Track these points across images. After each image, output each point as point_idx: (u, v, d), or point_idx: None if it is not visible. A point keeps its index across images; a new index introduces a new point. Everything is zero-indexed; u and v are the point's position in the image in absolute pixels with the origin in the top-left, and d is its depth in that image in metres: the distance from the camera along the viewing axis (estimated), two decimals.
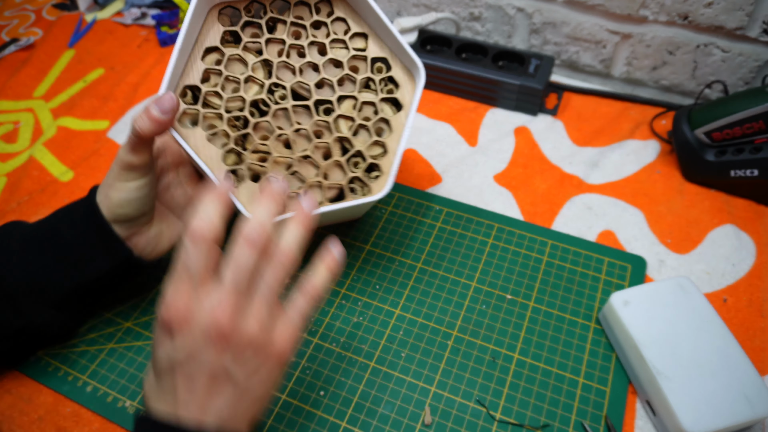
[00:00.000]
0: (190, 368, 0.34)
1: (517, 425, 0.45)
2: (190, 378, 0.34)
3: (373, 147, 0.48)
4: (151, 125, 0.40)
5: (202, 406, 0.33)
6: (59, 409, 0.46)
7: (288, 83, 0.47)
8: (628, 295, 0.48)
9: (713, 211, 0.60)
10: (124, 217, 0.43)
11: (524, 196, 0.62)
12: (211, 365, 0.33)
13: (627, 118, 0.70)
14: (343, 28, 0.48)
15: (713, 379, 0.43)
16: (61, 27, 0.87)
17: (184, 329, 0.34)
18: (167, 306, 0.34)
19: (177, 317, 0.33)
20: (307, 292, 0.37)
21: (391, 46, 0.49)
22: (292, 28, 0.48)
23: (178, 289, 0.34)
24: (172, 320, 0.34)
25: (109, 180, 0.43)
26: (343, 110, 0.48)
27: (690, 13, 0.66)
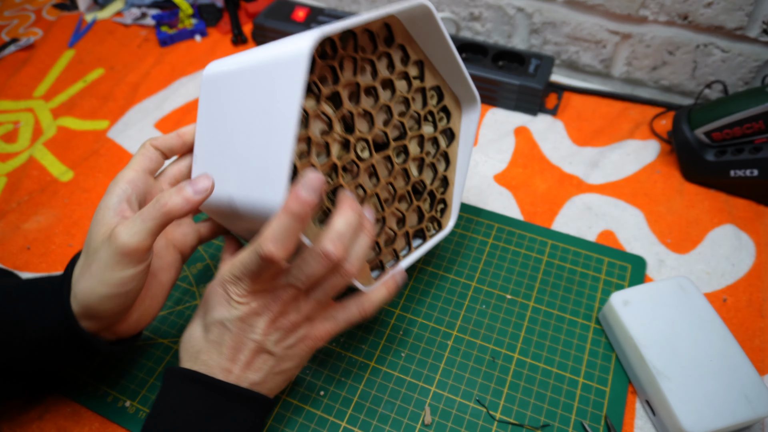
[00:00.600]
0: (241, 337, 0.38)
1: (517, 425, 0.45)
2: (237, 347, 0.38)
3: (436, 182, 0.49)
4: (185, 206, 0.35)
5: (240, 376, 0.38)
6: (59, 409, 0.46)
7: (369, 135, 0.42)
8: (628, 295, 0.48)
9: (713, 211, 0.60)
10: (105, 313, 0.37)
11: (524, 196, 0.62)
12: (258, 339, 0.38)
13: (627, 118, 0.70)
14: (400, 56, 0.44)
15: (713, 379, 0.43)
16: (61, 27, 0.87)
17: (256, 294, 0.37)
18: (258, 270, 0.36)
19: (261, 282, 0.36)
20: (361, 305, 0.41)
21: (444, 72, 0.47)
22: (360, 63, 0.42)
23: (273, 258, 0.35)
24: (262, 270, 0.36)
25: (94, 270, 0.36)
26: (412, 151, 0.46)
27: (690, 13, 0.66)
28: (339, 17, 0.79)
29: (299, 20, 0.79)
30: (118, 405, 0.46)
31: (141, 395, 0.47)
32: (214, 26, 0.86)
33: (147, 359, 0.49)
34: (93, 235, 0.37)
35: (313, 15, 0.80)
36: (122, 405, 0.46)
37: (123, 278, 0.36)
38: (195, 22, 0.84)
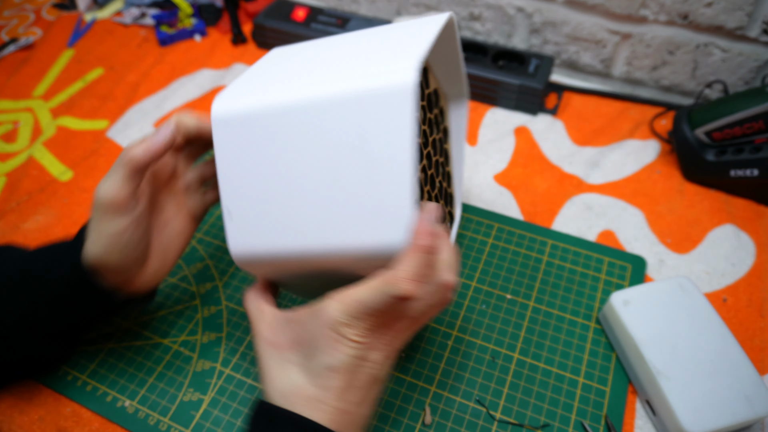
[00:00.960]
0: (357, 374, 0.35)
1: (517, 425, 0.45)
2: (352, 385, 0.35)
3: (444, 179, 0.50)
4: (146, 153, 0.37)
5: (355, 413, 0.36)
6: (59, 409, 0.46)
7: (436, 187, 0.44)
8: (628, 294, 0.48)
9: (713, 211, 0.60)
10: (112, 265, 0.39)
11: (524, 195, 0.62)
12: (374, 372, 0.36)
13: (627, 118, 0.70)
14: None
15: (713, 379, 0.43)
16: (60, 27, 0.87)
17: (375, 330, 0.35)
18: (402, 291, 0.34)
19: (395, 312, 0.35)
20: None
21: (441, 74, 0.46)
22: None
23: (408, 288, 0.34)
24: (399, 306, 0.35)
25: (93, 226, 0.39)
26: (433, 155, 0.46)
27: (690, 13, 0.66)
28: (339, 17, 0.79)
29: (299, 20, 0.79)
30: (117, 405, 0.46)
31: (140, 395, 0.47)
32: (213, 26, 0.86)
33: (147, 359, 0.49)
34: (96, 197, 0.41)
35: (313, 15, 0.80)
36: (122, 405, 0.46)
37: (116, 229, 0.38)
38: (195, 22, 0.84)
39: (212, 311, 0.52)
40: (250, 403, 0.43)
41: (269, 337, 0.37)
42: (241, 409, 0.46)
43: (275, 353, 0.37)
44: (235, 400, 0.46)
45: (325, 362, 0.35)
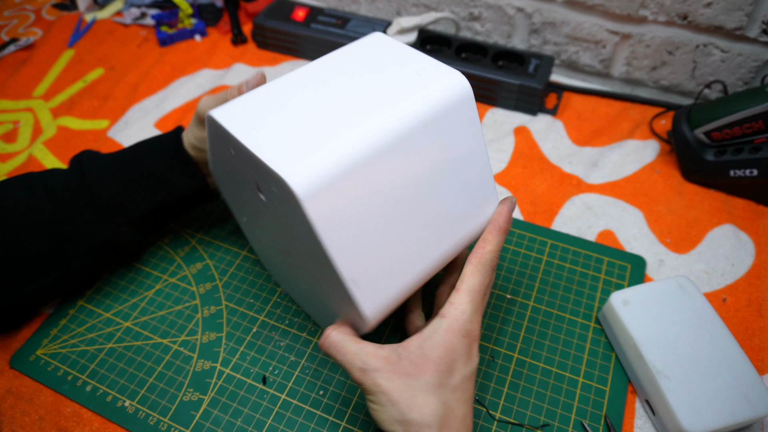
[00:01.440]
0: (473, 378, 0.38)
1: (517, 425, 0.45)
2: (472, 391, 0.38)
3: None
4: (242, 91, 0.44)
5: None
6: (60, 409, 0.46)
7: None
8: (627, 294, 0.48)
9: (713, 211, 0.60)
10: (194, 156, 0.49)
11: (524, 196, 0.62)
12: (476, 365, 0.38)
13: (626, 118, 0.70)
14: None
15: (712, 379, 0.43)
16: (60, 27, 0.87)
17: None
18: (479, 325, 0.38)
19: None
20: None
21: None
22: None
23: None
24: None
25: (189, 127, 0.49)
26: None
27: (689, 13, 0.66)
28: (339, 17, 0.79)
29: (299, 20, 0.79)
30: (117, 405, 0.46)
31: (140, 395, 0.47)
32: (213, 26, 0.86)
33: (147, 359, 0.49)
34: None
35: (313, 15, 0.80)
36: (122, 405, 0.46)
37: (200, 137, 0.48)
38: (195, 22, 0.84)
39: (212, 311, 0.52)
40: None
41: (394, 368, 0.35)
42: (241, 409, 0.46)
43: (413, 382, 0.35)
44: (235, 400, 0.47)
45: (463, 373, 0.36)
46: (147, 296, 0.53)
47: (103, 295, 0.54)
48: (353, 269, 0.35)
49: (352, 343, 0.37)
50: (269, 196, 0.36)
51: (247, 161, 0.35)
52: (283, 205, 0.34)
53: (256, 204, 0.40)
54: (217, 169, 0.44)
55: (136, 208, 0.48)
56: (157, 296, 0.53)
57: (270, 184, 0.34)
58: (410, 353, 0.36)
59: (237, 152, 0.36)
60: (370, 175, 0.34)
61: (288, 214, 0.34)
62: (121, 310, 0.52)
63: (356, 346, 0.37)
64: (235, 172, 0.40)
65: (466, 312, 0.37)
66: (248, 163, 0.35)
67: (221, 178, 0.45)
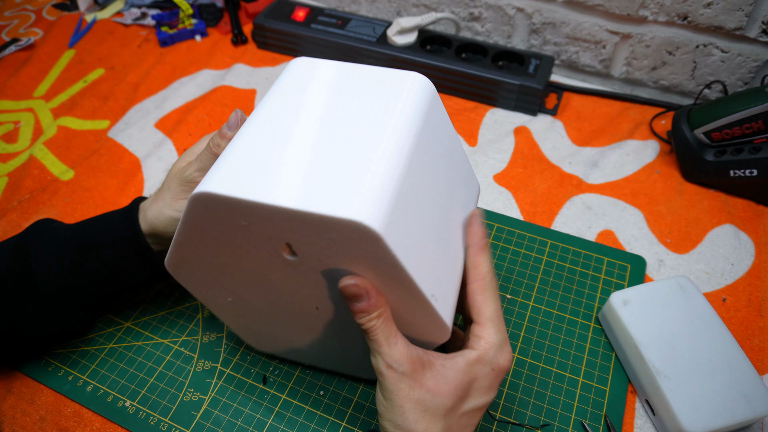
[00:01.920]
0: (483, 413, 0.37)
1: (517, 425, 0.45)
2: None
3: None
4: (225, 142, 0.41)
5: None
6: (60, 409, 0.46)
7: None
8: (627, 294, 0.48)
9: (712, 211, 0.60)
10: (168, 234, 0.44)
11: (524, 196, 0.62)
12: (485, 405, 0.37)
13: (627, 118, 0.70)
14: None
15: (712, 379, 0.43)
16: (61, 27, 0.87)
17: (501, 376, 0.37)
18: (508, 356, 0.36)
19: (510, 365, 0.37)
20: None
21: None
22: None
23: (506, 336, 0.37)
24: (509, 368, 0.37)
25: (165, 197, 0.43)
26: None
27: (689, 14, 0.66)
28: (339, 17, 0.79)
29: (299, 20, 0.79)
30: (118, 405, 0.46)
31: (141, 395, 0.47)
32: (214, 26, 0.86)
33: (147, 359, 0.49)
34: (168, 175, 0.45)
35: (313, 15, 0.80)
36: (122, 405, 0.46)
37: (172, 212, 0.43)
38: (195, 22, 0.84)
39: None
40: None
41: (418, 377, 0.34)
42: (242, 409, 0.46)
43: (429, 398, 0.34)
44: (235, 400, 0.47)
45: (477, 403, 0.36)
46: (147, 296, 0.53)
47: None
48: (430, 285, 0.34)
49: (390, 331, 0.35)
50: (310, 251, 0.33)
51: (271, 225, 0.32)
52: (336, 252, 0.32)
53: (267, 274, 0.36)
54: (189, 256, 0.37)
55: (86, 296, 0.45)
56: (157, 296, 0.53)
57: (317, 238, 0.32)
58: (434, 368, 0.35)
59: (255, 220, 0.32)
60: (410, 189, 0.33)
61: (341, 259, 0.33)
62: (121, 309, 0.53)
63: (393, 339, 0.35)
64: (236, 247, 0.35)
65: (494, 344, 0.36)
66: (275, 227, 0.32)
67: (193, 263, 0.38)
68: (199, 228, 0.34)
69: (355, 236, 0.30)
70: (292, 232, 0.32)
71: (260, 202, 0.31)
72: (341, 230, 0.30)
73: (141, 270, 0.45)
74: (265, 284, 0.37)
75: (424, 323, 0.36)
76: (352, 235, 0.30)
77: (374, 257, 0.31)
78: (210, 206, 0.32)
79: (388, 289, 0.34)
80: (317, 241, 0.32)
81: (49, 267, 0.44)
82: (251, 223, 0.32)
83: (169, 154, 0.67)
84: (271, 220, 0.32)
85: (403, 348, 0.34)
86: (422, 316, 0.35)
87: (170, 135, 0.70)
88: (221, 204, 0.32)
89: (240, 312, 0.42)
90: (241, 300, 0.40)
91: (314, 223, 0.31)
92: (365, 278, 0.33)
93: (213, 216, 0.33)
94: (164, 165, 0.66)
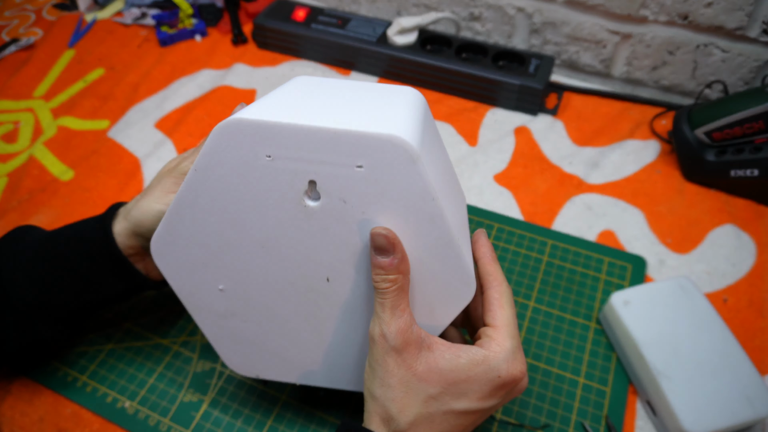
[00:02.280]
0: (480, 419, 0.36)
1: (517, 425, 0.45)
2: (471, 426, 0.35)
3: None
4: None
5: None
6: (59, 410, 0.46)
7: None
8: (628, 295, 0.48)
9: (713, 211, 0.60)
10: (151, 231, 0.40)
11: (524, 196, 0.62)
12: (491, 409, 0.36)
13: (627, 118, 0.70)
14: None
15: (714, 379, 0.43)
16: (61, 27, 0.87)
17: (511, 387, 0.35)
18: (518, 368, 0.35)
19: (519, 380, 0.35)
20: None
21: None
22: None
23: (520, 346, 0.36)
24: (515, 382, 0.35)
25: (154, 192, 0.41)
26: None
27: (690, 13, 0.66)
28: (339, 17, 0.79)
29: (299, 20, 0.79)
30: (117, 406, 0.46)
31: (141, 396, 0.47)
32: (214, 26, 0.86)
33: (146, 360, 0.49)
34: (158, 175, 0.43)
35: (313, 15, 0.80)
36: (122, 406, 0.46)
37: (167, 200, 0.40)
38: (195, 22, 0.84)
39: None
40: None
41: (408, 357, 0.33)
42: (242, 410, 0.46)
43: (415, 382, 0.33)
44: (235, 401, 0.46)
45: (470, 406, 0.34)
46: (147, 296, 0.53)
47: None
48: (454, 228, 0.33)
49: (400, 302, 0.33)
50: (335, 189, 0.32)
51: (298, 156, 0.31)
52: (364, 188, 0.32)
53: (278, 236, 0.34)
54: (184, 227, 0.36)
55: (59, 308, 0.43)
56: (158, 296, 0.53)
57: (347, 168, 0.31)
58: (432, 353, 0.34)
59: (280, 151, 0.31)
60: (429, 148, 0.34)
61: (367, 198, 0.32)
62: (121, 310, 0.52)
63: (400, 311, 0.33)
64: (251, 197, 0.33)
65: (506, 348, 0.34)
66: (301, 158, 0.31)
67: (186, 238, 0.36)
68: (214, 171, 0.33)
69: (388, 159, 0.30)
70: (319, 163, 0.31)
71: (293, 123, 0.30)
72: (375, 152, 0.30)
73: (115, 280, 0.43)
74: (273, 253, 0.35)
75: (448, 277, 0.35)
76: (385, 158, 0.30)
77: (404, 187, 0.31)
78: (235, 136, 0.31)
79: (415, 235, 0.33)
80: (345, 172, 0.31)
81: (21, 276, 0.42)
82: (275, 157, 0.32)
83: (169, 154, 0.67)
84: (299, 149, 0.31)
85: (404, 324, 0.33)
86: (446, 266, 0.34)
87: (170, 135, 0.70)
88: (248, 132, 0.31)
89: (229, 308, 0.39)
90: (235, 287, 0.37)
91: (347, 145, 0.30)
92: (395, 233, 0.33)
93: (234, 151, 0.32)
94: (164, 165, 0.66)
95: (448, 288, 0.35)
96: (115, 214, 0.43)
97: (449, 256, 0.34)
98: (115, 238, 0.42)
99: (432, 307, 0.36)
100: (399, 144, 0.30)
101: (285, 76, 0.78)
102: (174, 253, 0.37)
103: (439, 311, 0.36)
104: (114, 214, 0.43)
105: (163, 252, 0.37)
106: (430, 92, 0.74)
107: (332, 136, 0.30)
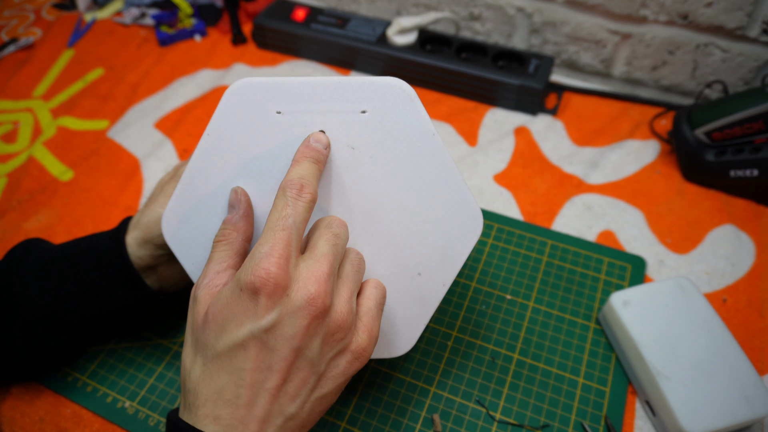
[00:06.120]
0: (269, 356, 0.29)
1: (517, 425, 0.45)
2: (265, 368, 0.29)
3: None
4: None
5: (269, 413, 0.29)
6: (60, 410, 0.46)
7: None
8: (627, 295, 0.48)
9: (713, 211, 0.60)
10: (160, 239, 0.41)
11: (524, 196, 0.62)
12: (294, 349, 0.29)
13: (627, 118, 0.70)
14: None
15: (713, 379, 0.43)
16: (60, 27, 0.87)
17: (276, 298, 0.29)
18: (260, 267, 0.29)
19: (270, 282, 0.28)
20: (380, 285, 0.36)
21: None
22: None
23: (274, 247, 0.29)
24: (265, 285, 0.28)
25: (159, 199, 0.42)
26: None
27: (690, 13, 0.66)
28: (339, 17, 0.79)
29: (299, 20, 0.79)
30: (117, 406, 0.46)
31: (141, 396, 0.47)
32: (213, 26, 0.86)
33: (146, 360, 0.49)
34: (159, 183, 0.44)
35: (313, 15, 0.80)
36: (122, 406, 0.46)
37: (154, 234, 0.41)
38: (195, 22, 0.84)
39: None
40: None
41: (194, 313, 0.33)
42: None
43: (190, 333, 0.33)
44: None
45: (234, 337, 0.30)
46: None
47: None
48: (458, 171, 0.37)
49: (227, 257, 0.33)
50: (341, 136, 0.34)
51: (307, 108, 0.34)
52: (368, 132, 0.35)
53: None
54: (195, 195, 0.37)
55: (69, 319, 0.43)
56: None
57: (352, 115, 0.34)
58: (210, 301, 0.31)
59: (290, 105, 0.34)
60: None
61: (372, 140, 0.35)
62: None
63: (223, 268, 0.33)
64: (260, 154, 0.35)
65: (252, 254, 0.29)
66: (310, 109, 0.34)
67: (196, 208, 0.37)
68: (227, 132, 0.35)
69: (390, 100, 0.34)
70: (327, 113, 0.34)
71: (300, 79, 0.34)
72: (376, 95, 0.34)
73: (126, 293, 0.43)
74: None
75: (455, 212, 0.36)
76: (386, 100, 0.34)
77: (406, 125, 0.34)
78: (246, 96, 0.34)
79: (420, 173, 0.35)
80: (351, 119, 0.34)
81: (31, 288, 0.42)
82: (285, 112, 0.34)
83: (169, 154, 0.67)
84: (307, 102, 0.34)
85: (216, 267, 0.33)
86: (452, 201, 0.36)
87: (170, 135, 0.70)
88: (259, 90, 0.34)
89: None
90: None
91: (350, 92, 0.34)
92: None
93: (246, 110, 0.34)
94: (164, 165, 0.66)
95: (457, 223, 0.37)
96: (128, 227, 0.44)
97: (454, 191, 0.36)
98: (127, 249, 0.42)
99: (445, 247, 0.37)
100: (397, 85, 0.34)
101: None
102: (185, 229, 0.38)
103: (452, 250, 0.38)
104: (126, 228, 0.43)
105: (174, 230, 0.38)
106: (430, 92, 0.74)
107: (337, 86, 0.34)
